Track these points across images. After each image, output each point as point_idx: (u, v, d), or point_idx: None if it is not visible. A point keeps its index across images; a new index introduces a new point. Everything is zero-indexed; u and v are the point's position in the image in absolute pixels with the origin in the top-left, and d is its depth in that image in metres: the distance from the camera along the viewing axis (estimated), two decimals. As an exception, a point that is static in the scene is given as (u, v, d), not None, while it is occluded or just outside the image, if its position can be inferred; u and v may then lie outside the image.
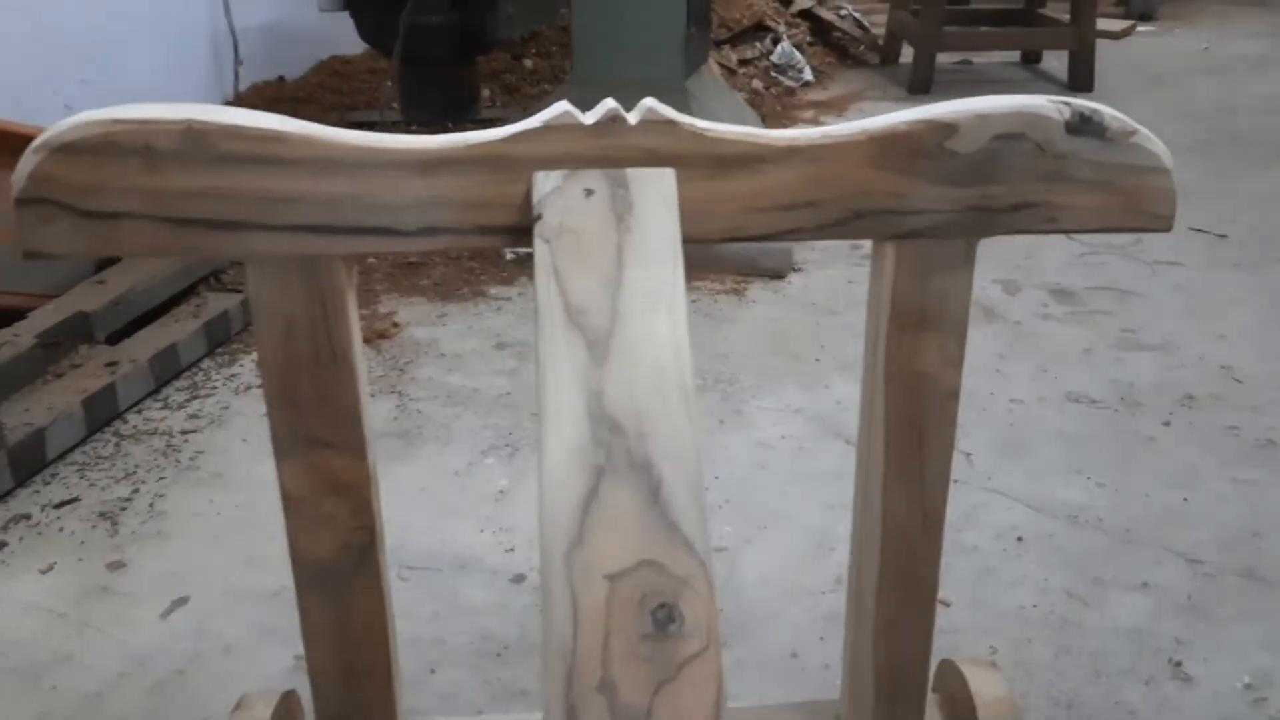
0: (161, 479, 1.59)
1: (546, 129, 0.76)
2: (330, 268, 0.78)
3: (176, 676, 1.21)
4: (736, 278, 2.29)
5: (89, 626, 1.29)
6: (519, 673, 1.22)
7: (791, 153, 0.77)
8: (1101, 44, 4.80)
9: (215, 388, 1.86)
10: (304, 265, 0.78)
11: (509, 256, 2.41)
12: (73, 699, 1.18)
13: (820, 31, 4.61)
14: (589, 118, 0.77)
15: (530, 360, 1.95)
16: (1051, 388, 1.85)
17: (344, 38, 3.35)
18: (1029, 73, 4.33)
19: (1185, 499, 1.53)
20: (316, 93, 3.13)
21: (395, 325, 2.08)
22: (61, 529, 1.48)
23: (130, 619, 1.30)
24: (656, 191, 0.76)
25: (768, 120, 3.50)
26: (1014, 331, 2.06)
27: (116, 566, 1.40)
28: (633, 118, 0.77)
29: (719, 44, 4.06)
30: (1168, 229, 0.81)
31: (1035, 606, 1.32)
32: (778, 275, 2.30)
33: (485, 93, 3.07)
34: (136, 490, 1.56)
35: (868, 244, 0.84)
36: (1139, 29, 5.22)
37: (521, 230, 0.78)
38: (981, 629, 1.27)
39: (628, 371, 0.69)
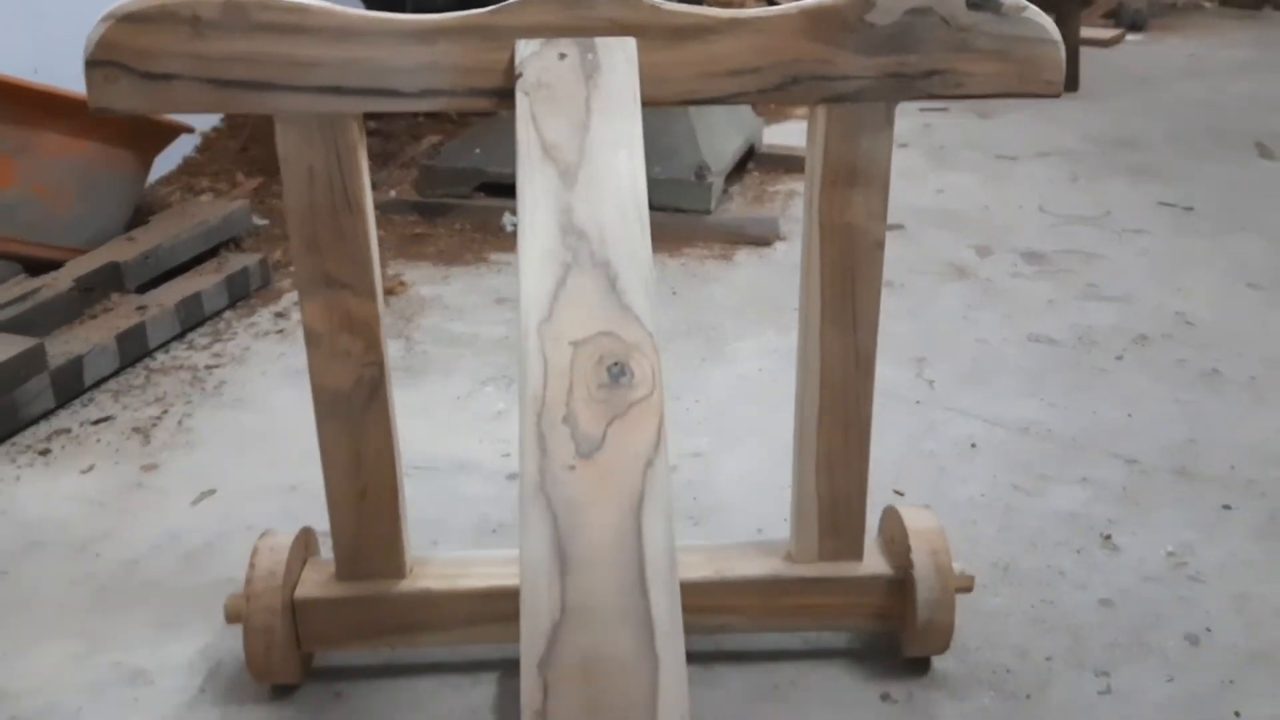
0: (188, 403, 1.73)
1: (526, 3, 0.91)
2: (345, 125, 0.93)
3: (205, 548, 1.35)
4: (725, 245, 2.43)
5: (126, 512, 1.43)
6: (511, 542, 1.35)
7: (736, 24, 0.92)
8: (1092, 51, 4.96)
9: (236, 334, 2.00)
10: (323, 122, 0.92)
11: (509, 228, 2.56)
12: (114, 563, 1.32)
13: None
14: (564, -7, 0.91)
15: (529, 310, 2.08)
16: (1014, 331, 1.98)
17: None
18: (1017, 77, 4.48)
19: (1130, 415, 1.65)
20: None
21: (402, 284, 2.23)
22: (99, 440, 1.62)
23: (162, 506, 1.44)
24: (621, 56, 0.91)
25: (761, 114, 3.66)
26: (984, 287, 2.19)
27: (149, 468, 1.54)
28: (599, -4, 0.92)
29: None
30: (1056, 94, 0.95)
31: (983, 496, 1.44)
32: (764, 243, 2.44)
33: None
34: (165, 411, 1.70)
35: None
36: (1128, 38, 5.39)
37: (506, 93, 0.92)
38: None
39: (592, 194, 0.83)
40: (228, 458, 1.57)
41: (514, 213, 2.55)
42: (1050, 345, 1.91)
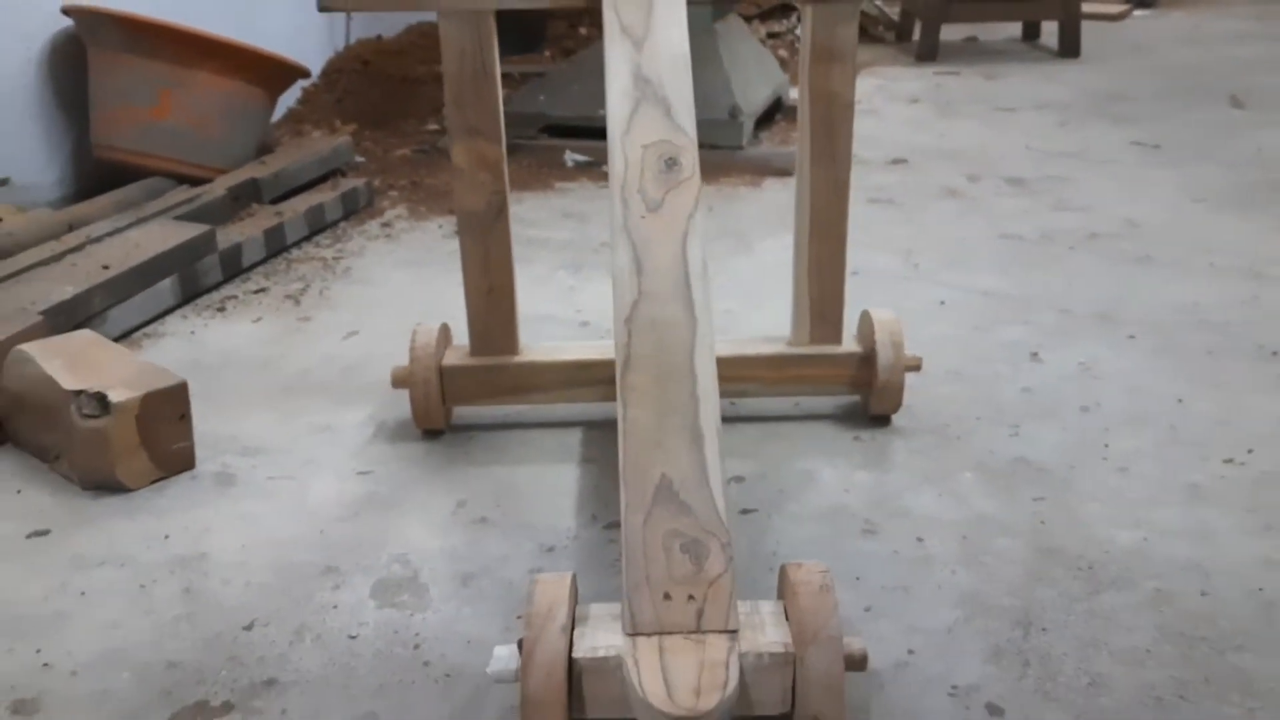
0: (325, 280, 2.20)
1: (607, -61, 1.35)
2: (484, 18, 1.38)
3: (356, 365, 1.81)
4: (754, 175, 2.87)
5: (292, 345, 1.90)
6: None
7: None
8: (1099, 25, 5.33)
9: (352, 237, 2.47)
10: (470, 16, 1.37)
11: (570, 163, 3.01)
12: (291, 373, 1.78)
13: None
14: (631, -66, 1.35)
15: (589, 222, 2.53)
16: (990, 231, 2.40)
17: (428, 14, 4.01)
18: (1026, 46, 4.86)
19: (1071, 284, 2.07)
20: (408, 48, 3.77)
21: (484, 202, 2.68)
22: (260, 303, 2.09)
23: (319, 341, 1.91)
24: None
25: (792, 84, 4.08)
26: (971, 204, 2.61)
27: (304, 319, 2.01)
28: (656, -65, 1.36)
29: (749, 19, 4.65)
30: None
31: (946, 336, 1.87)
32: (787, 173, 2.87)
33: (546, 54, 3.72)
34: (307, 286, 2.17)
35: (864, 161, 1.41)
36: (1136, 14, 5.74)
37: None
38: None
39: (655, 57, 1.27)
40: (363, 312, 2.03)
41: (574, 151, 3.01)
42: (1018, 240, 2.33)
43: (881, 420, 1.56)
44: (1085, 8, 5.39)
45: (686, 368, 1.07)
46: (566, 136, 3.07)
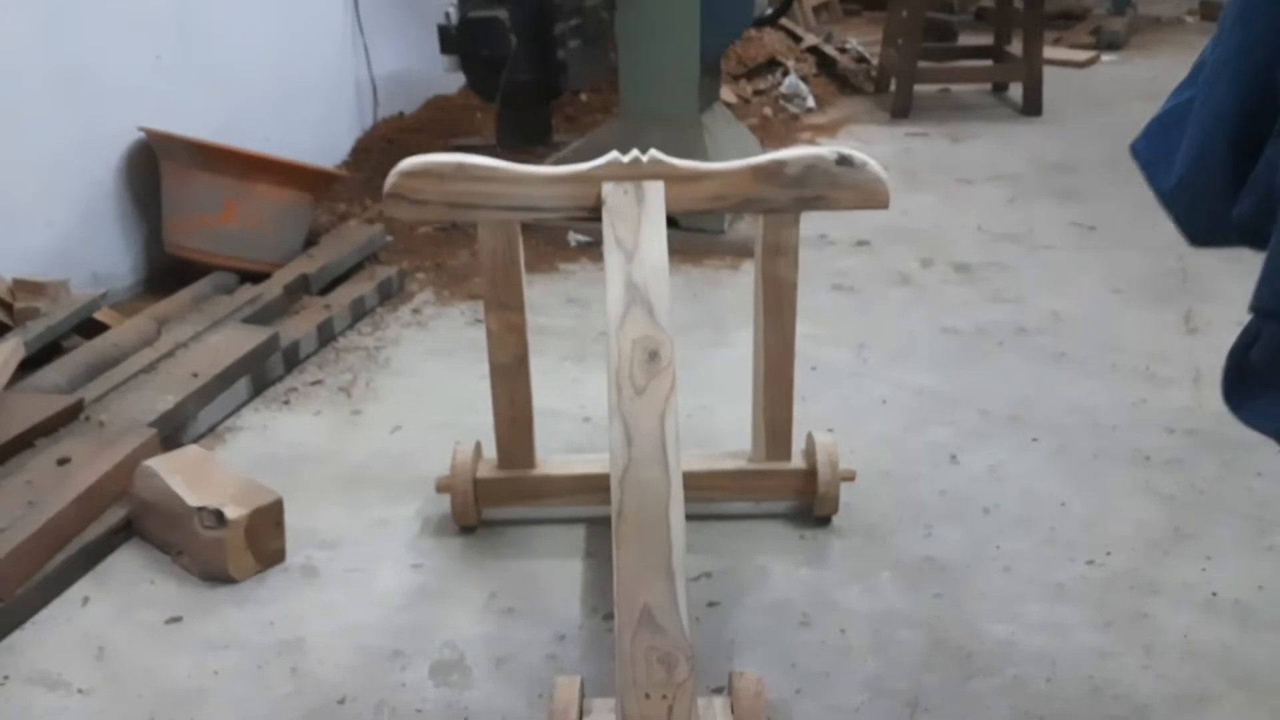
0: (369, 371, 2.61)
1: (608, 165, 1.76)
2: (513, 226, 1.79)
3: (403, 459, 2.22)
4: (734, 257, 3.27)
5: (348, 438, 2.31)
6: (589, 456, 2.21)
7: (715, 174, 1.76)
8: (1066, 73, 5.72)
9: (388, 325, 2.88)
10: (502, 225, 1.78)
11: (573, 243, 3.41)
12: (350, 465, 2.20)
13: (825, 64, 5.58)
14: (625, 159, 1.76)
15: (590, 308, 2.93)
16: (933, 325, 2.81)
17: (444, 81, 4.42)
18: (994, 99, 5.26)
19: (992, 383, 2.49)
20: (427, 124, 4.17)
21: (500, 287, 3.09)
22: (317, 396, 2.50)
23: (370, 435, 2.32)
24: (656, 191, 1.76)
25: (773, 141, 4.47)
26: (920, 292, 3.02)
27: (356, 413, 2.42)
28: (644, 159, 1.76)
29: (737, 78, 5.04)
30: (885, 208, 1.78)
31: (882, 436, 2.28)
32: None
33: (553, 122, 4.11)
34: (355, 378, 2.58)
35: (833, 241, 1.82)
36: (1104, 58, 6.13)
37: (595, 210, 1.77)
38: (847, 442, 2.24)
39: (641, 267, 1.68)
40: (404, 406, 2.44)
41: (577, 231, 3.42)
42: (955, 335, 2.74)
43: (823, 520, 1.97)
44: (1054, 53, 5.80)
45: (663, 519, 1.48)
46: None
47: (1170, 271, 3.11)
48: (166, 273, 3.00)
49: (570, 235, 3.43)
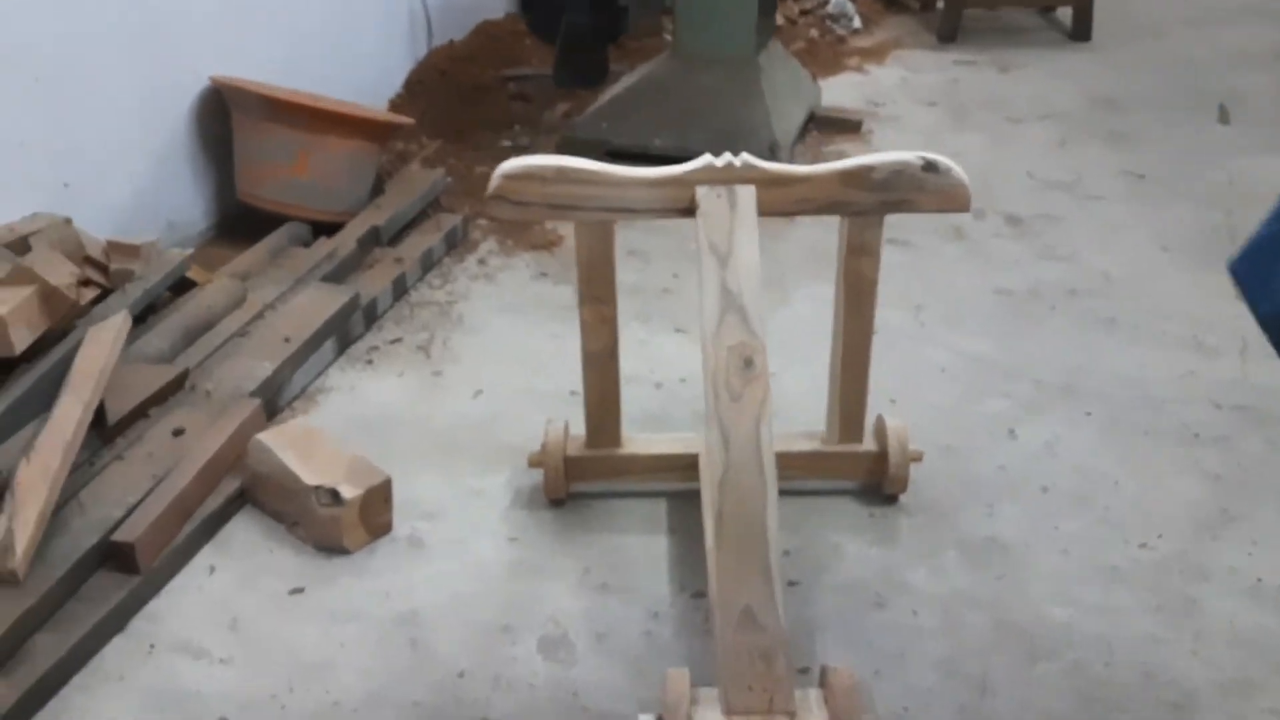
0: (445, 329, 2.71)
1: (701, 169, 1.82)
2: (609, 227, 1.87)
3: (488, 423, 2.35)
4: (788, 205, 3.32)
5: (433, 401, 2.43)
6: (662, 426, 2.33)
7: (804, 178, 1.83)
8: (1114, -9, 5.61)
9: (456, 278, 2.97)
10: (598, 226, 1.86)
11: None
12: (438, 431, 2.33)
13: (874, -17, 5.49)
14: (719, 163, 1.82)
15: (652, 262, 3.01)
16: (986, 284, 2.89)
17: (491, 5, 4.39)
18: (1042, 20, 5.19)
19: (1045, 350, 2.58)
20: (479, 53, 4.17)
21: (560, 237, 3.16)
22: (398, 355, 2.61)
23: (453, 398, 2.44)
24: (747, 195, 1.83)
25: (819, 66, 4.45)
26: (972, 248, 3.08)
27: (437, 374, 2.54)
28: (737, 163, 1.83)
29: None
30: (966, 210, 1.85)
31: (942, 407, 2.39)
32: (855, 129, 3.34)
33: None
34: (432, 336, 2.69)
35: None
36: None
37: (689, 211, 1.84)
38: (907, 411, 2.35)
39: (736, 272, 1.77)
40: (482, 368, 2.55)
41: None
42: (1008, 296, 2.83)
43: (891, 497, 2.10)
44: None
45: (760, 523, 1.61)
46: (626, 160, 3.51)
47: (1217, 228, 3.16)
48: (237, 219, 3.09)
49: (626, 179, 3.47)
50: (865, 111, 4.04)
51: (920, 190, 1.85)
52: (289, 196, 2.94)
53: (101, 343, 2.12)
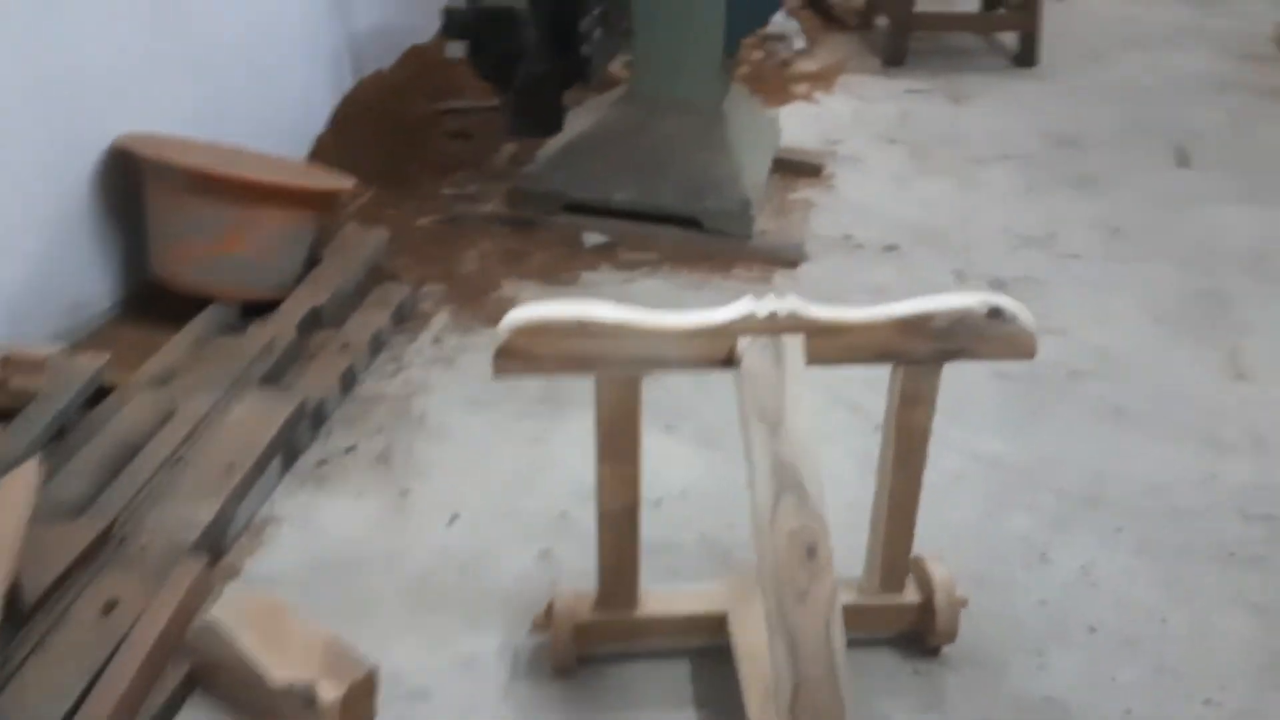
0: (404, 432, 2.41)
1: (744, 319, 1.58)
2: (635, 381, 1.61)
3: (472, 563, 2.07)
4: (763, 266, 3.11)
5: (403, 532, 2.14)
6: (669, 552, 2.09)
7: (857, 326, 1.60)
8: (1051, 8, 5.54)
9: (411, 361, 2.66)
10: (623, 379, 1.60)
11: (588, 244, 3.19)
12: (414, 576, 2.04)
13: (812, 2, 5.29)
14: (762, 311, 1.58)
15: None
16: (984, 367, 2.71)
17: (420, 26, 4.03)
18: (986, 44, 5.07)
19: (1059, 450, 2.42)
20: (410, 83, 3.82)
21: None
22: (354, 468, 2.30)
23: (426, 528, 2.15)
24: (794, 348, 1.59)
25: (768, 95, 4.23)
26: (961, 316, 2.91)
27: (404, 493, 2.24)
28: (783, 311, 1.59)
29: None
30: (1031, 357, 1.66)
31: (963, 525, 2.21)
32: (792, 265, 3.12)
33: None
34: (391, 443, 2.38)
35: (860, 244, 1.67)
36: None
37: (728, 361, 1.60)
38: (928, 532, 2.16)
39: (789, 440, 1.53)
40: (456, 484, 2.26)
41: (591, 231, 3.19)
42: (1009, 381, 2.66)
43: (934, 650, 1.91)
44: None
45: (840, 751, 1.40)
46: (583, 214, 3.24)
47: (1205, 293, 3.06)
48: (151, 296, 2.71)
49: (585, 236, 3.21)
50: (823, 151, 3.84)
51: (982, 339, 1.64)
52: (215, 275, 2.59)
53: (9, 504, 1.77)
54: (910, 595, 1.89)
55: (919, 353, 1.64)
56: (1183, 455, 2.43)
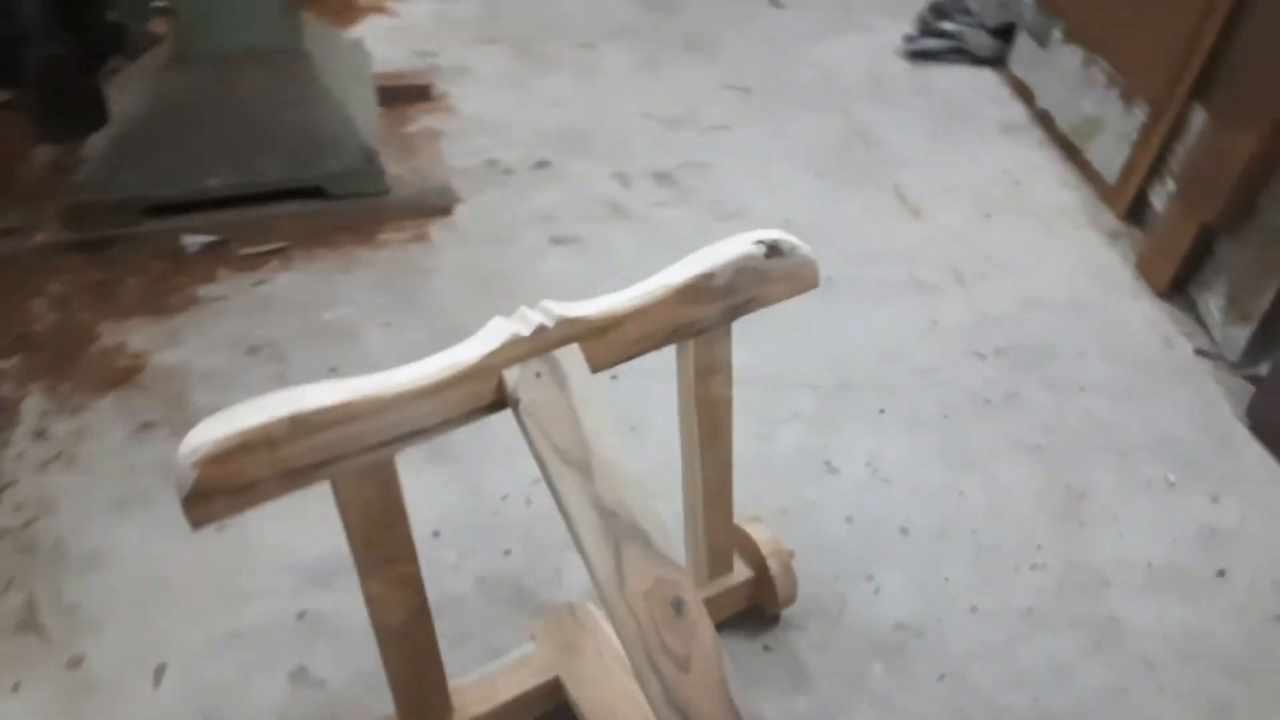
0: (46, 575, 1.81)
1: (505, 346, 1.22)
2: (387, 462, 1.21)
3: (210, 715, 1.59)
4: (414, 222, 2.68)
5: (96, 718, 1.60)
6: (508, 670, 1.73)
7: (636, 312, 1.30)
8: None
9: (17, 474, 2.00)
10: (371, 468, 1.20)
11: (192, 249, 2.59)
12: (139, 773, 1.53)
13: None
14: (525, 330, 1.23)
15: (289, 357, 2.25)
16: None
17: None
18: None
19: (786, 343, 2.30)
20: None
21: (137, 358, 2.27)
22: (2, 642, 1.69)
23: (129, 700, 1.62)
24: (574, 359, 1.26)
25: (330, 14, 3.66)
26: (642, 226, 2.68)
27: (73, 665, 1.67)
28: (547, 320, 1.24)
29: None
30: (816, 286, 1.44)
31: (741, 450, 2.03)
32: (446, 212, 2.72)
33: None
34: (31, 594, 1.78)
35: (509, 168, 1.38)
36: None
37: (498, 405, 1.24)
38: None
39: (606, 479, 1.22)
40: (142, 627, 1.72)
41: (192, 233, 2.60)
42: (717, 281, 2.49)
43: (774, 617, 1.72)
44: None
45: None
46: (174, 214, 2.62)
47: (849, 136, 3.05)
48: None
49: (185, 239, 2.60)
50: (422, 69, 3.39)
51: (768, 282, 1.40)
52: None
53: None
54: (741, 572, 1.67)
55: (708, 319, 1.37)
56: (900, 310, 2.39)
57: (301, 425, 1.12)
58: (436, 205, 2.72)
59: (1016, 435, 2.06)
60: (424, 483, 1.95)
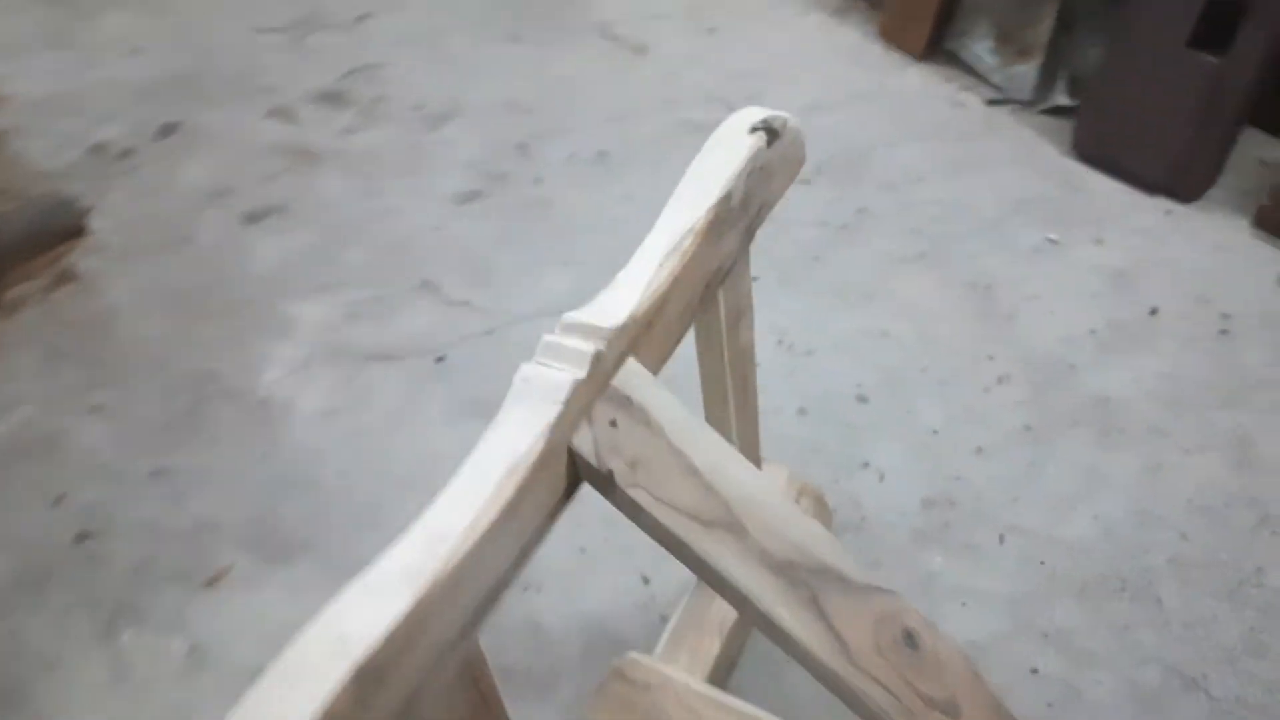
0: None
1: (568, 403, 0.78)
2: (476, 657, 0.75)
3: None
4: (45, 258, 1.94)
5: None
6: None
7: (674, 285, 0.89)
8: None
9: None
10: (458, 674, 0.74)
11: None
12: None
13: None
14: (580, 370, 0.80)
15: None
16: (626, 248, 2.04)
17: None
18: None
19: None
20: None
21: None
22: None
23: None
24: (637, 380, 0.85)
25: None
26: (342, 161, 2.13)
27: None
28: (601, 345, 0.81)
29: None
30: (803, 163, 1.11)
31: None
32: (79, 231, 1.99)
33: None
34: None
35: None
36: None
37: (573, 488, 0.81)
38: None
39: (765, 526, 0.84)
40: None
41: None
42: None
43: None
44: None
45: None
46: None
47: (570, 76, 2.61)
48: None
49: None
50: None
51: (770, 178, 1.04)
52: None
53: None
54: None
55: (731, 251, 0.99)
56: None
57: (369, 677, 0.64)
58: (62, 227, 1.99)
59: (890, 250, 1.88)
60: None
